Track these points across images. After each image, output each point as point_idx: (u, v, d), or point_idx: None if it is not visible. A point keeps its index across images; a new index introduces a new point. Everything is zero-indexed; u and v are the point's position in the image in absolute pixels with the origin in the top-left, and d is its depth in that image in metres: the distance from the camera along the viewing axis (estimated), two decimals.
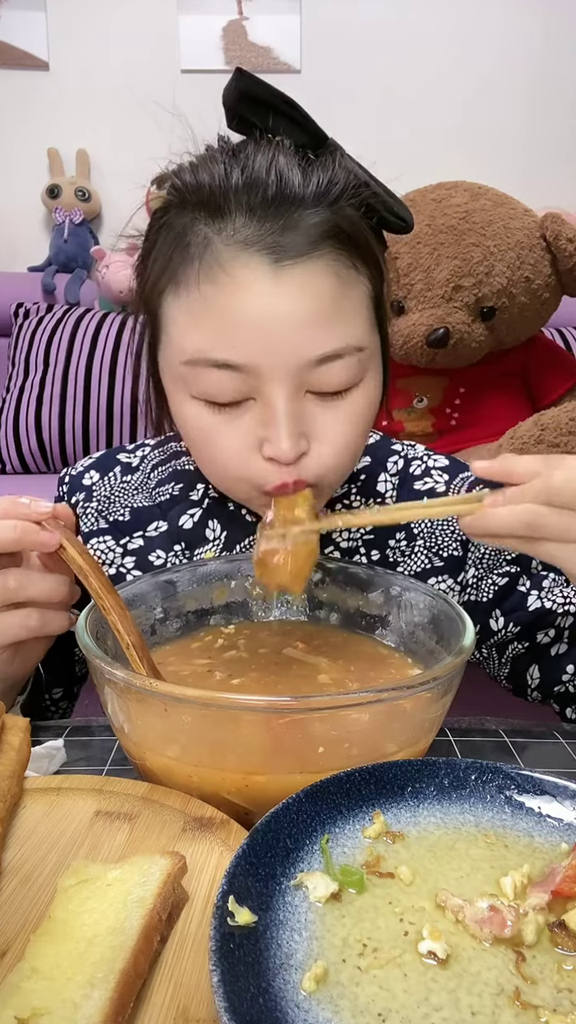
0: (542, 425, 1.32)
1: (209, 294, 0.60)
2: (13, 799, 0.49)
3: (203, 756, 0.50)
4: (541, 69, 2.52)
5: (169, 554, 0.77)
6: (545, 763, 0.61)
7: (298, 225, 0.59)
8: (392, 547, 0.77)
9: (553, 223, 1.55)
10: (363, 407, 0.65)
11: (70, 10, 2.48)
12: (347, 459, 0.66)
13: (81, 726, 0.65)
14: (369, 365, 0.64)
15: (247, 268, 0.59)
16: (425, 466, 0.81)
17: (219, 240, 0.59)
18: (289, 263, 0.58)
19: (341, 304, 0.61)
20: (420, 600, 0.64)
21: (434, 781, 0.46)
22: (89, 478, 0.83)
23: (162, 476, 0.81)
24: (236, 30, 2.51)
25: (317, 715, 0.47)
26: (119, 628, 0.55)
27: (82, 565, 0.55)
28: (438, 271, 1.53)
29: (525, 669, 0.76)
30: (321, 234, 0.59)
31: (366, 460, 0.81)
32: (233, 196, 0.59)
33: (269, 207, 0.59)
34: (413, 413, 1.64)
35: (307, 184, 0.59)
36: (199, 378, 0.62)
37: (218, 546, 0.77)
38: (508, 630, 0.76)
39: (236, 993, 0.32)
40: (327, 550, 0.77)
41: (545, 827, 0.44)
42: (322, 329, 0.60)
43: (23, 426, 2.19)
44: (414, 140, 2.49)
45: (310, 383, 0.61)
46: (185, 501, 0.78)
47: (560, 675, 0.73)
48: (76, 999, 0.34)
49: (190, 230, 0.61)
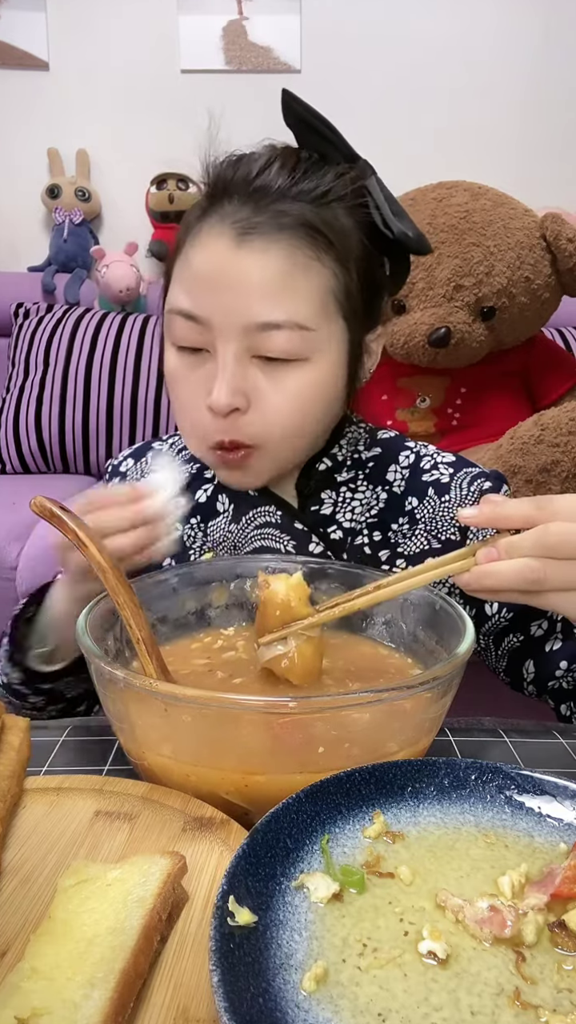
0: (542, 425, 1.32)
1: (190, 256, 0.71)
2: (13, 799, 0.49)
3: (203, 756, 0.50)
4: (541, 69, 2.52)
5: (185, 526, 0.83)
6: (545, 763, 0.61)
7: (270, 211, 0.69)
8: (394, 530, 0.80)
9: (553, 223, 1.55)
10: (306, 385, 0.72)
11: (70, 10, 2.48)
12: (285, 431, 0.73)
13: (81, 726, 0.65)
14: (317, 348, 0.72)
15: (217, 236, 0.70)
16: (434, 461, 0.84)
17: (209, 216, 0.71)
18: (251, 238, 0.69)
19: (291, 284, 0.69)
20: (420, 600, 0.64)
21: (434, 781, 0.46)
22: (125, 465, 0.93)
23: (185, 458, 0.88)
24: (236, 30, 2.51)
25: (317, 715, 0.47)
26: (131, 623, 0.56)
27: (100, 562, 0.56)
28: (439, 270, 1.53)
29: (521, 663, 0.77)
30: (289, 223, 0.69)
31: (377, 450, 0.85)
32: (230, 186, 0.71)
33: (252, 195, 0.70)
34: (416, 413, 1.64)
35: (292, 184, 0.70)
36: (174, 326, 0.73)
37: (227, 518, 0.83)
38: (501, 616, 0.77)
39: (236, 993, 0.32)
40: (330, 530, 0.80)
41: (545, 827, 0.44)
42: (269, 300, 0.69)
43: (23, 426, 2.18)
44: (414, 140, 2.49)
45: (256, 347, 0.70)
46: (201, 478, 0.85)
47: (553, 670, 0.74)
48: (76, 999, 0.34)
49: (198, 208, 0.73)
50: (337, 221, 0.71)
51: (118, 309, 2.34)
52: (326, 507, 0.81)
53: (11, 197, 2.60)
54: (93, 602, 0.58)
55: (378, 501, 0.82)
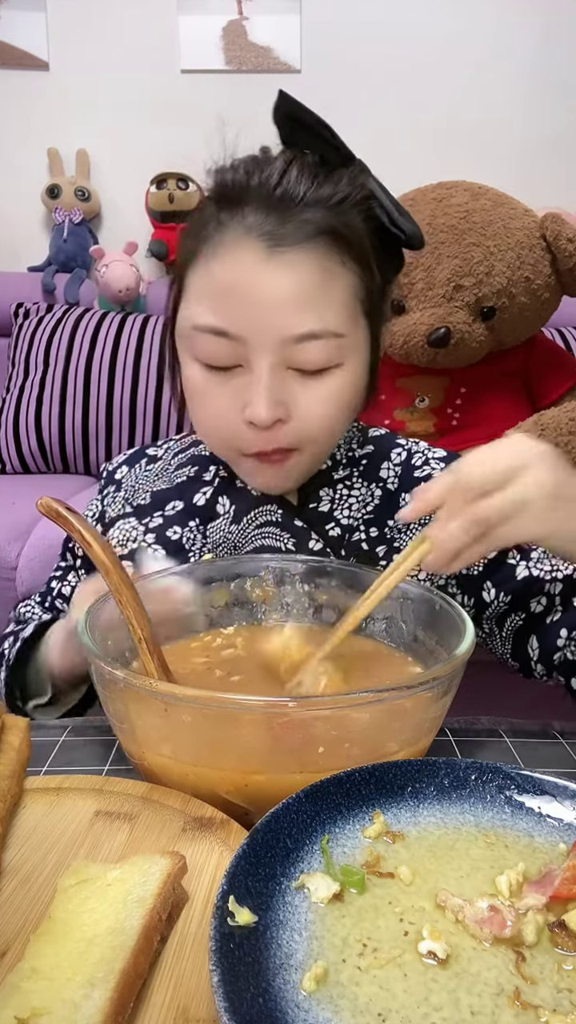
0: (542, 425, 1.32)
1: (214, 271, 0.69)
2: (13, 799, 0.49)
3: (203, 755, 0.50)
4: (541, 69, 2.52)
5: (185, 529, 0.83)
6: (545, 763, 0.61)
7: (296, 220, 0.68)
8: (390, 526, 0.81)
9: (553, 223, 1.55)
10: (341, 390, 0.72)
11: (70, 10, 2.48)
12: (324, 435, 0.74)
13: (81, 726, 0.65)
14: (349, 354, 0.72)
15: (246, 250, 0.68)
16: (425, 458, 0.85)
17: (229, 226, 0.69)
18: (281, 250, 0.67)
19: (324, 293, 0.69)
20: (420, 600, 0.64)
21: (434, 781, 0.46)
22: (120, 472, 0.91)
23: (181, 461, 0.88)
24: (236, 30, 2.50)
25: (317, 715, 0.47)
26: (134, 623, 0.56)
27: (105, 561, 0.56)
28: (439, 270, 1.53)
29: (525, 642, 0.77)
30: (315, 230, 0.68)
31: (369, 448, 0.86)
32: (248, 193, 0.69)
33: (275, 204, 0.68)
34: (415, 413, 1.64)
35: (313, 190, 0.69)
36: (199, 342, 0.71)
37: (227, 519, 0.82)
38: (500, 600, 0.78)
39: (236, 993, 0.32)
40: (328, 526, 0.80)
41: (545, 827, 0.44)
42: (304, 311, 0.68)
43: (23, 426, 2.18)
44: (414, 140, 2.49)
45: (291, 359, 0.70)
46: (199, 481, 0.85)
47: (555, 640, 0.74)
48: (76, 999, 0.34)
49: (213, 217, 0.71)
50: (354, 224, 0.71)
51: (118, 309, 2.34)
52: (324, 504, 0.81)
53: (11, 197, 2.60)
54: (92, 603, 0.59)
55: (373, 498, 0.82)
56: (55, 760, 0.60)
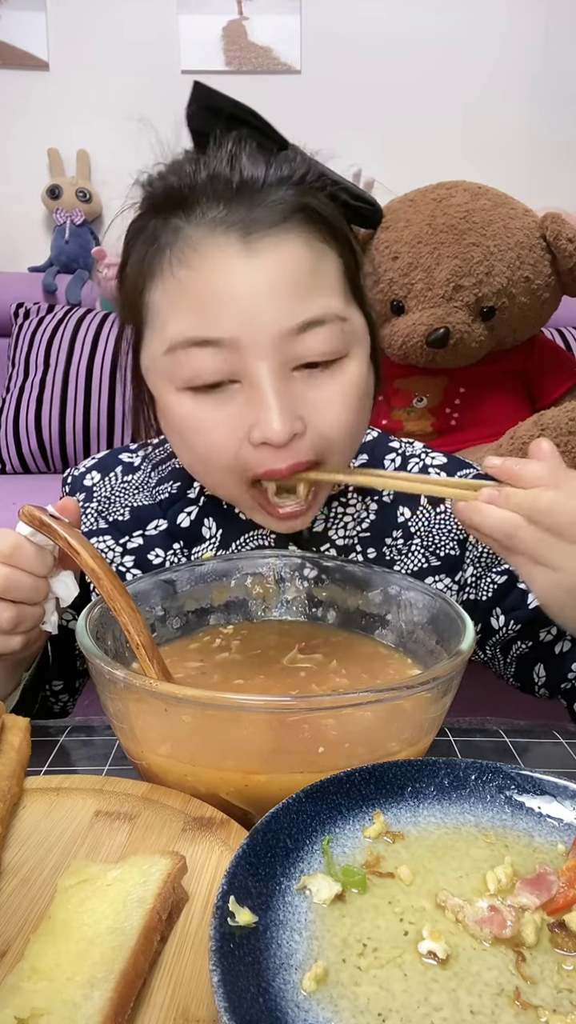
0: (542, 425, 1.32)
1: (184, 277, 0.61)
2: (13, 799, 0.49)
3: (203, 756, 0.50)
4: (541, 69, 2.52)
5: (168, 552, 0.77)
6: (545, 763, 0.61)
7: (265, 203, 0.61)
8: (389, 545, 0.77)
9: (553, 223, 1.55)
10: (355, 381, 0.64)
11: (70, 10, 2.48)
12: (346, 437, 0.65)
13: (81, 726, 0.65)
14: (353, 342, 0.64)
15: (217, 246, 0.60)
16: (423, 463, 0.80)
17: (188, 226, 0.61)
18: (259, 235, 0.60)
19: (316, 274, 0.62)
20: (420, 600, 0.64)
21: (434, 781, 0.46)
22: (90, 479, 0.82)
23: (162, 474, 0.80)
24: (236, 30, 2.50)
25: (317, 715, 0.47)
26: (129, 629, 0.55)
27: (94, 568, 0.55)
28: (438, 271, 1.52)
29: (531, 668, 0.76)
30: (289, 210, 0.61)
31: (363, 457, 0.80)
32: (200, 189, 0.61)
33: (236, 192, 0.61)
34: (413, 413, 1.64)
35: (270, 172, 0.61)
36: (182, 363, 0.62)
37: (214, 544, 0.77)
38: (509, 628, 0.76)
39: (236, 993, 0.32)
40: (323, 548, 0.77)
41: (545, 827, 0.44)
42: (300, 297, 0.60)
43: (23, 426, 2.18)
44: (414, 140, 2.49)
45: (295, 356, 0.61)
46: (183, 499, 0.78)
47: (566, 672, 0.73)
48: (76, 999, 0.34)
49: (161, 227, 0.63)
50: (323, 201, 0.64)
51: None
52: (318, 524, 0.76)
53: (12, 197, 2.59)
54: (92, 603, 0.58)
55: (368, 512, 0.77)
56: (55, 760, 0.60)
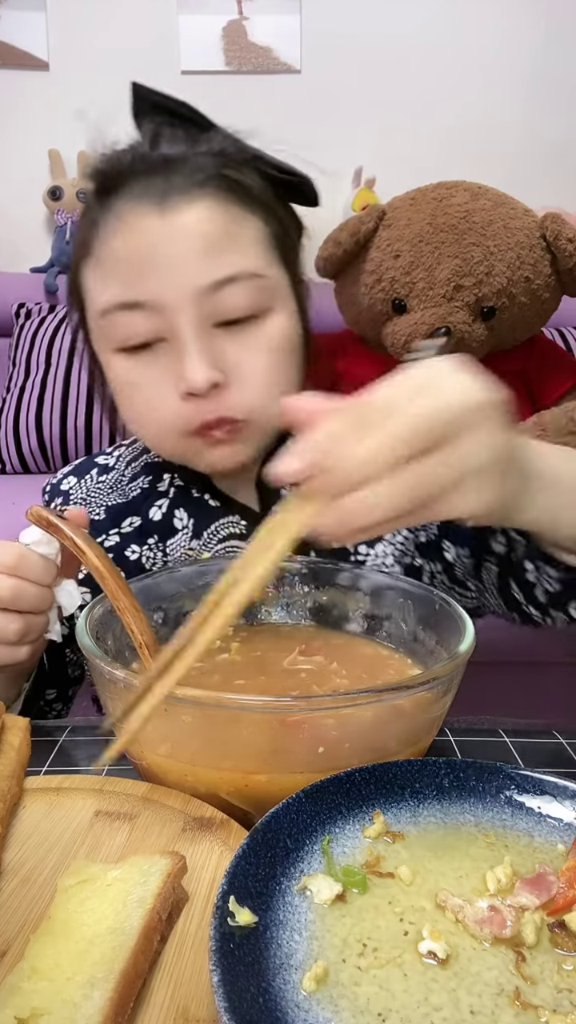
0: (542, 425, 1.32)
1: (114, 246, 0.66)
2: (13, 799, 0.49)
3: (203, 756, 0.50)
4: (541, 69, 2.52)
5: (143, 547, 0.78)
6: (545, 763, 0.61)
7: (183, 173, 0.66)
8: None
9: (553, 223, 1.55)
10: (277, 339, 0.68)
11: (70, 10, 2.48)
12: (270, 394, 0.68)
13: (81, 726, 0.65)
14: (276, 298, 0.68)
15: (138, 215, 0.65)
16: None
17: (116, 203, 0.66)
18: (175, 200, 0.65)
19: (230, 236, 0.66)
20: (420, 600, 0.64)
21: (434, 781, 0.46)
22: (67, 483, 0.85)
23: (135, 471, 0.82)
24: (236, 30, 2.50)
25: (317, 715, 0.47)
26: (133, 628, 0.56)
27: (100, 568, 0.55)
28: (439, 270, 1.52)
29: (509, 589, 0.71)
30: (205, 177, 0.66)
31: None
32: (127, 170, 0.67)
33: (158, 168, 0.66)
34: None
35: (192, 148, 0.67)
36: (113, 326, 0.67)
37: (187, 534, 0.77)
38: (461, 555, 0.75)
39: (236, 993, 0.32)
40: None
41: (545, 827, 0.44)
42: (213, 256, 0.65)
43: (23, 426, 2.18)
44: (414, 140, 2.48)
45: (214, 312, 0.65)
46: (154, 493, 0.79)
47: (525, 575, 0.67)
48: (76, 999, 0.34)
49: (97, 209, 0.68)
50: (246, 173, 0.68)
51: None
52: None
53: (13, 198, 2.59)
54: (92, 603, 0.58)
55: None
56: (55, 760, 0.60)
